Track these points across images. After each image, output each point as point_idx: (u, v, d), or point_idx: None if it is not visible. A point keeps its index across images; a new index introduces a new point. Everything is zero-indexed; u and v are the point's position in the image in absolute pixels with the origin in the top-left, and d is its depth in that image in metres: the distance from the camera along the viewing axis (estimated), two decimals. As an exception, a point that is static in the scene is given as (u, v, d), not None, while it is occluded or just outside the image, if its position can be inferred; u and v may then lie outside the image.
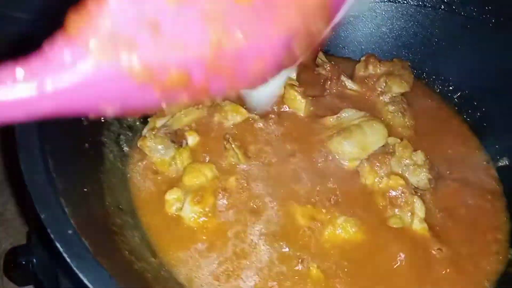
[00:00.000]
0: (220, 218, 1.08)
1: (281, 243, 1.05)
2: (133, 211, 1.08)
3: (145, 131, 1.22)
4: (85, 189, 0.96)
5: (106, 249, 0.84)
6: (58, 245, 0.71)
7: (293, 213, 1.10)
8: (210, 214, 1.07)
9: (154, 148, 1.16)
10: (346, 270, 1.03)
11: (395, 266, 1.05)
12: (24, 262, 1.23)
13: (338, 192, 1.15)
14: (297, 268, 1.02)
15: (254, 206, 1.10)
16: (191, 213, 1.06)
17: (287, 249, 1.04)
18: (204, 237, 1.05)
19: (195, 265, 1.02)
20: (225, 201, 1.09)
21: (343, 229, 1.07)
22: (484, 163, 1.32)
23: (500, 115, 1.37)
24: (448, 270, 1.06)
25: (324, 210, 1.10)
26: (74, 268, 0.68)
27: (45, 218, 0.74)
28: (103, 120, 1.16)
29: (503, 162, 1.31)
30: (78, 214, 0.80)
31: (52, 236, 0.72)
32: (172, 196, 1.09)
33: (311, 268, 1.02)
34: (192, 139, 1.19)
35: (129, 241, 0.97)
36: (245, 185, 1.14)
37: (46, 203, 0.77)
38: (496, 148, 1.35)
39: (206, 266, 1.01)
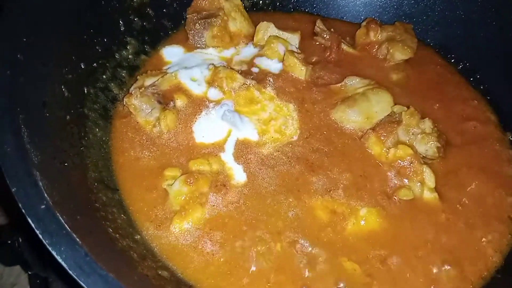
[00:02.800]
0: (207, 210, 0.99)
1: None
2: (118, 186, 0.99)
3: (132, 88, 1.12)
4: (66, 164, 0.87)
5: (87, 226, 0.76)
6: (29, 220, 0.63)
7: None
8: (198, 201, 0.98)
9: (139, 107, 1.07)
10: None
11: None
12: (10, 242, 1.16)
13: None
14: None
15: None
16: (178, 192, 0.98)
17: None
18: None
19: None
20: (219, 198, 1.00)
21: (366, 221, 1.00)
22: (496, 129, 1.24)
23: (505, 88, 1.30)
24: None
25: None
26: (47, 245, 0.60)
27: (16, 192, 0.66)
28: (85, 91, 1.07)
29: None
30: (55, 189, 0.72)
31: (23, 211, 0.64)
32: (170, 173, 1.02)
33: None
34: (180, 102, 1.11)
35: (114, 219, 0.89)
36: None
37: (18, 176, 0.68)
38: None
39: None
